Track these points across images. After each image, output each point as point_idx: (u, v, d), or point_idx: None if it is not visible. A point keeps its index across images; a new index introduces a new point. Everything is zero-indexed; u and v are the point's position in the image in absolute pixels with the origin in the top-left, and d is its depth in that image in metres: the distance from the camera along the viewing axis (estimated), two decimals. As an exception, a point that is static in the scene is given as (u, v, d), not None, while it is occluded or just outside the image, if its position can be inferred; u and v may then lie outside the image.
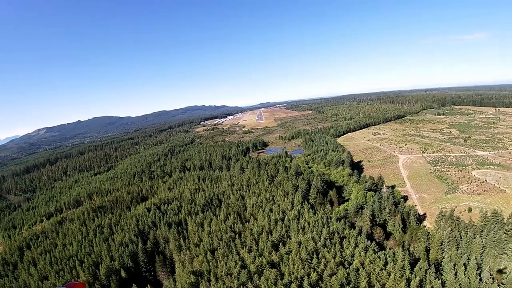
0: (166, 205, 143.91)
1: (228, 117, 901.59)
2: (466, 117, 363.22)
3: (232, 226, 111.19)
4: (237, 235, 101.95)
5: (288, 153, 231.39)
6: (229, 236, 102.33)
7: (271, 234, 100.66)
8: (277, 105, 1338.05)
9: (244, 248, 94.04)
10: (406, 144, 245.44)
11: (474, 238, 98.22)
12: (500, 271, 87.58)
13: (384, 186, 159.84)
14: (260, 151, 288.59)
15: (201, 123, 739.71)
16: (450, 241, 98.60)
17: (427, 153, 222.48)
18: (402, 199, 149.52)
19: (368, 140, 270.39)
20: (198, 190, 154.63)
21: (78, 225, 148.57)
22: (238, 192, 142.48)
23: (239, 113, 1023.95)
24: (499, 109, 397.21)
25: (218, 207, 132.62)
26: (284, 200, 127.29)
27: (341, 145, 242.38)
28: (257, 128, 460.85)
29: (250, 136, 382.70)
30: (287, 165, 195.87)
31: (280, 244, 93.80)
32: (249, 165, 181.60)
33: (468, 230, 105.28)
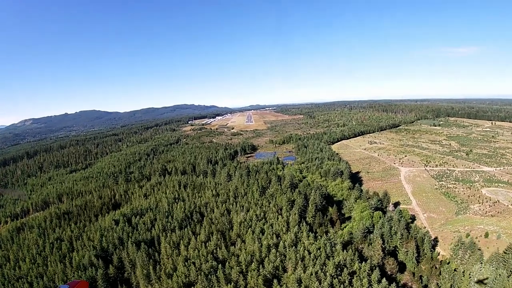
0: (138, 217, 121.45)
1: (217, 117, 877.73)
2: (463, 130, 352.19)
3: (215, 251, 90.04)
4: (220, 265, 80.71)
5: (280, 159, 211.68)
6: (210, 265, 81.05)
7: (263, 265, 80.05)
8: (267, 108, 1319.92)
9: (229, 284, 73.07)
10: (406, 156, 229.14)
11: (508, 277, 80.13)
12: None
13: (390, 204, 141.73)
14: (249, 155, 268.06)
15: (189, 122, 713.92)
16: (480, 281, 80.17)
17: (430, 166, 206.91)
18: (410, 220, 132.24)
19: (365, 149, 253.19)
20: (177, 200, 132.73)
21: (36, 235, 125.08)
22: (224, 204, 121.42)
23: (228, 114, 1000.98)
24: (495, 123, 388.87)
25: (199, 223, 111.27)
26: (277, 218, 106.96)
27: (337, 154, 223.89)
28: (247, 130, 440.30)
29: (238, 139, 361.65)
30: (279, 173, 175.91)
31: (275, 280, 73.35)
32: (237, 171, 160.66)
33: (496, 263, 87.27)
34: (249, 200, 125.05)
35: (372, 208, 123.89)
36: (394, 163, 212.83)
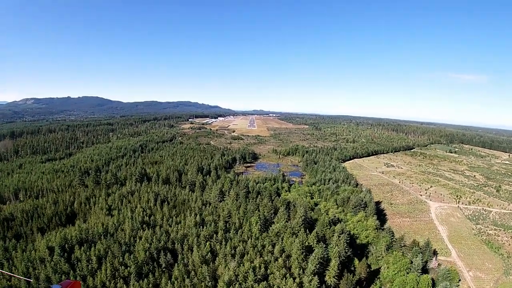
0: (85, 246, 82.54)
1: (219, 118, 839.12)
2: (482, 160, 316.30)
3: None
4: None
5: (285, 175, 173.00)
6: None
7: None
8: (270, 114, 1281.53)
9: None
10: (431, 186, 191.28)
11: None
12: None
13: (434, 259, 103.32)
14: (249, 164, 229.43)
15: (189, 120, 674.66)
16: None
17: (462, 203, 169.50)
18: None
19: (382, 173, 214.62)
20: (145, 226, 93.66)
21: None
22: (208, 242, 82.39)
23: (231, 116, 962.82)
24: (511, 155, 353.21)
25: (168, 271, 72.55)
26: (285, 279, 68.25)
27: (352, 175, 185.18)
28: (248, 135, 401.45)
29: (239, 144, 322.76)
30: (285, 195, 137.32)
31: None
32: (233, 189, 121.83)
33: None
34: (245, 238, 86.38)
35: (418, 271, 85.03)
36: (420, 195, 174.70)
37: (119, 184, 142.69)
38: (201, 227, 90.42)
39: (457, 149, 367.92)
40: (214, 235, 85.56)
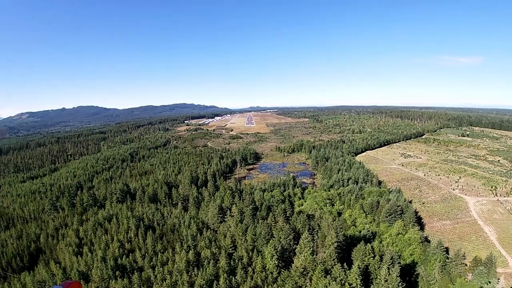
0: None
1: (216, 117, 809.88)
2: (498, 142, 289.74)
3: None
4: None
5: (296, 178, 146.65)
6: None
7: None
8: (267, 110, 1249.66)
9: None
10: (460, 177, 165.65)
11: None
12: None
13: (501, 278, 77.77)
14: (252, 166, 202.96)
15: (185, 122, 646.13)
16: None
17: (500, 194, 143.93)
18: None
19: (402, 165, 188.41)
20: (121, 271, 67.41)
21: None
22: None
23: (228, 115, 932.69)
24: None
25: None
26: None
27: (371, 172, 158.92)
28: (247, 133, 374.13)
29: (238, 143, 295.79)
30: (302, 207, 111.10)
31: None
32: (236, 205, 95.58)
33: None
34: (259, 281, 60.40)
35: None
36: (452, 189, 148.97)
37: (97, 206, 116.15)
38: (195, 268, 64.27)
39: (468, 132, 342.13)
40: (215, 282, 59.38)
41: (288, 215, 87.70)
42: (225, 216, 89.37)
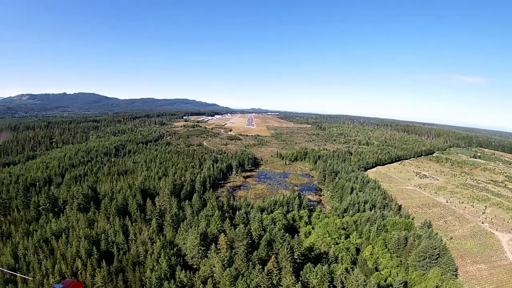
0: None
1: (215, 116, 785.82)
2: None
3: None
4: None
5: (301, 195, 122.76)
6: None
7: None
8: (269, 113, 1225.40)
9: None
10: (486, 206, 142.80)
11: None
12: None
13: None
14: (249, 173, 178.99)
15: (184, 117, 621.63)
16: None
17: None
18: None
19: (419, 187, 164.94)
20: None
21: None
22: None
23: (228, 114, 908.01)
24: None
25: None
26: None
27: (388, 194, 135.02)
28: (247, 135, 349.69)
29: (236, 145, 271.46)
30: (305, 234, 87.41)
31: None
32: (225, 235, 71.76)
33: None
34: None
35: None
36: (481, 221, 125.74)
37: (54, 212, 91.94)
38: None
39: (479, 154, 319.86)
40: None
41: (295, 257, 63.67)
42: (209, 249, 65.25)
